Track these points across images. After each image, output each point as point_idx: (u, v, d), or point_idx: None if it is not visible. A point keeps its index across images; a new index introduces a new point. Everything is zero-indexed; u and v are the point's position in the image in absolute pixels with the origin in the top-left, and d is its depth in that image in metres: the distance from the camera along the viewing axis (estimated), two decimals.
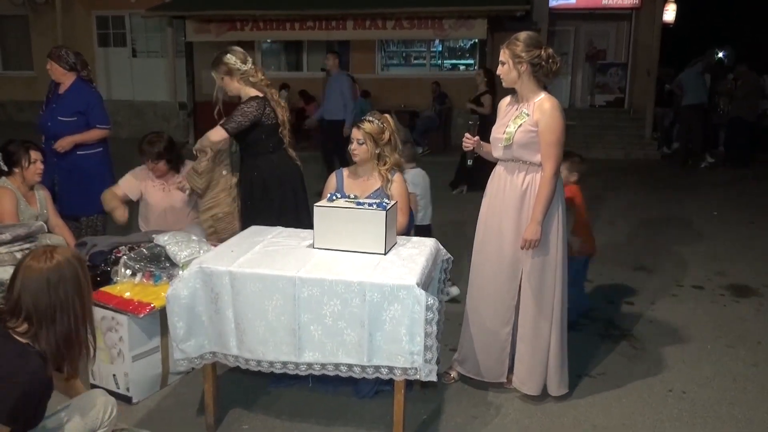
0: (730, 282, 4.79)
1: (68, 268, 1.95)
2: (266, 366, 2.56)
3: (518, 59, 2.83)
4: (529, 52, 2.82)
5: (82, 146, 4.22)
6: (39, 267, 1.92)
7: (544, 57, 2.84)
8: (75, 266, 1.97)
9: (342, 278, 2.44)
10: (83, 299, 1.98)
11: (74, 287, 1.95)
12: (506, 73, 2.89)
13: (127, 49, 13.84)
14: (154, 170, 3.90)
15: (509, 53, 2.85)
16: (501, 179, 2.97)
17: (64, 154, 4.14)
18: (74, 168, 4.21)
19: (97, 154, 4.32)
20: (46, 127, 4.23)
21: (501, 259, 2.97)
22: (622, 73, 12.97)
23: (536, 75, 2.87)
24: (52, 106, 4.23)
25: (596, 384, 3.21)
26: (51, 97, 4.31)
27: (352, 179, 3.31)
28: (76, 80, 4.24)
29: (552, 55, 2.86)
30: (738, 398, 3.10)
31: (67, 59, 4.19)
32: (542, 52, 2.83)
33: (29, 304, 1.89)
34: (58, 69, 4.18)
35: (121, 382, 2.95)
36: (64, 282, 1.93)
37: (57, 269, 1.93)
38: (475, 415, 2.91)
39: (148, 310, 2.87)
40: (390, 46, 13.75)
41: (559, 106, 2.86)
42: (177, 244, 3.20)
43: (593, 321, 4.00)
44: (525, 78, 2.86)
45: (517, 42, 2.84)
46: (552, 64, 2.86)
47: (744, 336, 3.83)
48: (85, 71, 4.28)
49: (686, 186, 8.81)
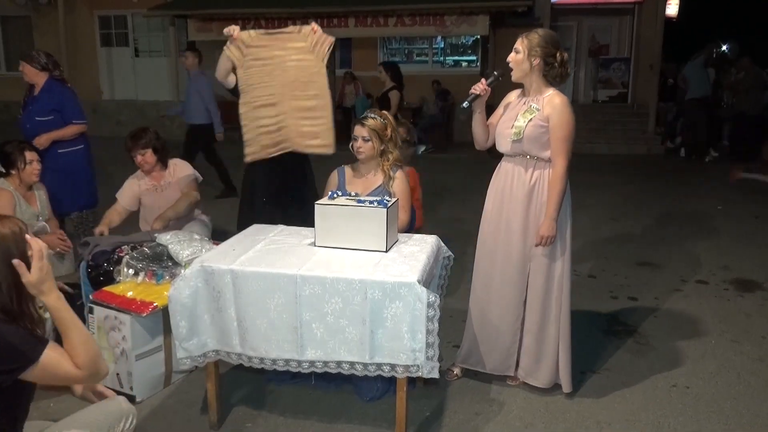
0: (734, 277, 4.77)
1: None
2: (269, 364, 2.56)
3: (534, 52, 2.80)
4: (546, 49, 2.80)
5: (62, 145, 4.37)
6: None
7: (559, 59, 2.82)
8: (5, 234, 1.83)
9: (343, 276, 2.43)
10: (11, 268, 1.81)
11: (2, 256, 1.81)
12: (518, 63, 2.85)
13: (130, 49, 13.88)
14: (142, 164, 3.95)
15: (527, 43, 2.82)
16: (508, 175, 2.96)
17: (47, 155, 4.22)
18: (57, 167, 4.32)
19: (78, 151, 4.48)
20: (25, 128, 4.37)
21: (509, 254, 2.96)
22: (625, 67, 12.93)
23: (546, 74, 2.85)
24: (29, 108, 4.38)
25: (600, 379, 3.20)
26: (27, 99, 4.46)
27: (354, 177, 3.31)
28: (49, 80, 4.36)
29: (566, 61, 2.85)
30: (742, 393, 3.08)
31: (39, 60, 4.33)
32: (558, 53, 2.82)
33: None
34: (30, 70, 4.33)
35: (124, 381, 2.95)
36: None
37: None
38: (478, 412, 2.91)
39: (150, 309, 2.88)
40: (392, 43, 13.74)
41: (569, 102, 2.85)
42: (179, 243, 3.21)
43: (597, 316, 3.99)
44: (535, 72, 2.84)
45: (537, 35, 2.82)
46: (563, 69, 2.85)
47: (749, 331, 3.81)
48: (57, 71, 4.42)
49: (690, 180, 8.78)
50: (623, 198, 7.56)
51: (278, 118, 3.48)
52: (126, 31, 13.83)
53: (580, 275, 4.68)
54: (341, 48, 13.07)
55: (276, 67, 3.42)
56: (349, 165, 3.37)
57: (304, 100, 3.45)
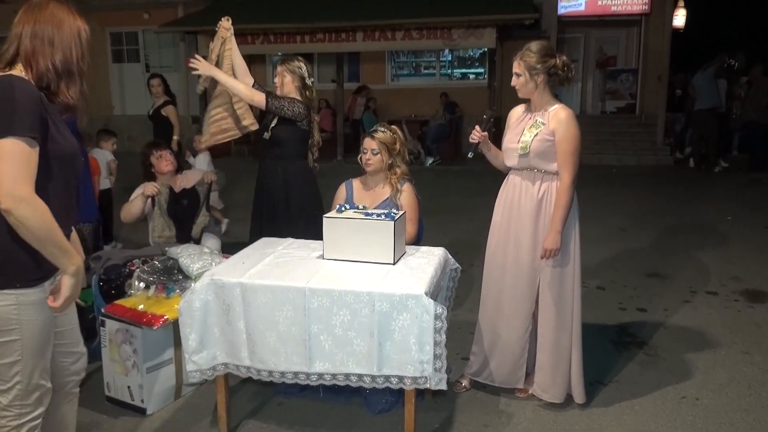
0: (744, 287, 4.75)
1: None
2: (278, 376, 2.58)
3: (535, 70, 2.84)
4: (545, 63, 2.84)
5: None
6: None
7: (560, 65, 2.86)
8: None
9: (351, 288, 2.46)
10: (82, 44, 1.93)
11: (74, 31, 1.92)
12: (523, 85, 2.90)
13: (141, 65, 14.05)
14: (159, 162, 4.04)
15: (524, 65, 2.86)
16: (516, 188, 2.99)
17: None
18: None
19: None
20: None
21: (519, 267, 2.97)
22: (633, 79, 12.94)
23: (551, 84, 2.89)
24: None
25: (609, 391, 3.19)
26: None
27: (362, 190, 3.35)
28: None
29: (567, 63, 2.88)
30: (753, 405, 3.07)
31: None
32: (557, 60, 2.85)
33: (29, 34, 1.86)
34: None
35: (135, 393, 2.98)
36: (69, 24, 1.90)
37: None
38: (487, 424, 2.91)
39: (161, 322, 2.91)
40: (400, 56, 13.83)
41: (574, 116, 2.88)
42: (189, 257, 3.25)
43: (606, 328, 3.98)
44: (541, 88, 2.88)
45: (531, 53, 2.85)
46: (568, 72, 2.88)
47: (759, 342, 3.79)
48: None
49: (700, 191, 8.75)
50: (632, 209, 7.54)
51: (220, 109, 3.79)
52: (137, 47, 14.02)
53: (589, 287, 4.68)
54: (350, 62, 13.17)
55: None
56: (357, 178, 3.40)
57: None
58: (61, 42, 1.89)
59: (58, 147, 1.87)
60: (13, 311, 1.85)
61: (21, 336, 1.88)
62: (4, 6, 12.91)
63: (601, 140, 11.70)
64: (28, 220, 1.73)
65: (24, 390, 1.91)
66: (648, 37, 12.41)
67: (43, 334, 1.92)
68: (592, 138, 11.35)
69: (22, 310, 1.86)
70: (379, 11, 11.05)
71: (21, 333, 1.87)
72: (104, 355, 3.05)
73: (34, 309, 1.88)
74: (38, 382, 1.94)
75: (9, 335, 1.86)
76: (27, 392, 1.92)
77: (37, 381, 1.94)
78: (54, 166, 1.87)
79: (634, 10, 12.28)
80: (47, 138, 1.82)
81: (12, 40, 1.88)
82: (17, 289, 1.84)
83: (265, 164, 3.71)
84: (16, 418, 1.92)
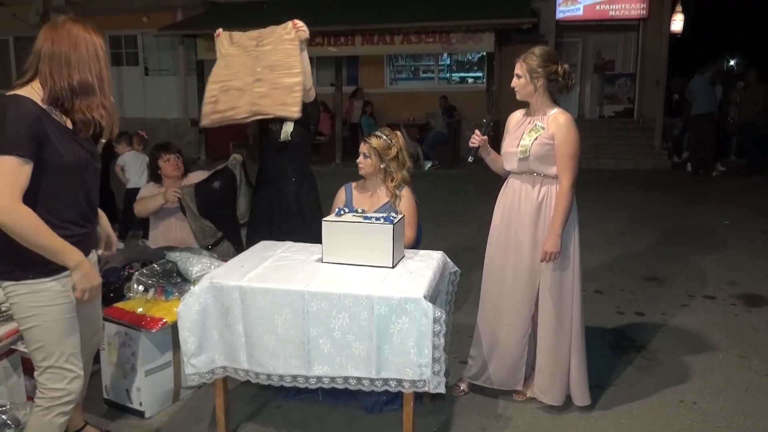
0: (742, 291, 4.76)
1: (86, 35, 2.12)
2: (276, 380, 2.58)
3: (536, 74, 2.86)
4: (547, 68, 2.86)
5: None
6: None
7: (561, 73, 2.88)
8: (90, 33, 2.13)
9: (350, 292, 2.46)
10: (100, 62, 2.12)
11: (92, 50, 2.10)
12: (522, 87, 2.92)
13: (140, 68, 14.07)
14: (166, 165, 4.02)
15: (526, 67, 2.88)
16: (515, 191, 3.00)
17: None
18: None
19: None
20: None
21: (518, 270, 2.98)
22: (631, 83, 13.00)
23: (550, 89, 2.91)
24: None
25: (607, 395, 3.20)
26: None
27: (361, 193, 3.35)
28: None
29: (568, 71, 2.90)
30: (750, 409, 3.07)
31: None
32: (559, 67, 2.87)
33: (47, 54, 2.03)
34: None
35: (134, 396, 2.98)
36: (86, 43, 2.10)
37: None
38: (485, 427, 2.91)
39: (160, 325, 2.91)
40: (398, 60, 13.86)
41: (573, 120, 2.90)
42: (188, 260, 3.25)
43: (604, 332, 3.99)
44: (540, 92, 2.90)
45: (534, 56, 2.87)
46: (568, 80, 2.90)
47: (757, 346, 3.80)
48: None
49: (697, 195, 8.77)
50: (630, 213, 7.56)
51: (219, 86, 3.61)
52: (136, 51, 14.03)
53: (587, 290, 4.68)
54: (348, 66, 13.19)
55: (249, 57, 3.66)
56: (356, 182, 3.41)
57: (288, 78, 3.64)
58: (78, 61, 2.05)
59: (60, 158, 2.04)
60: (29, 300, 2.06)
61: (40, 323, 2.07)
62: (3, 8, 12.91)
63: (600, 144, 11.74)
64: (13, 227, 1.94)
65: (53, 374, 2.12)
66: (646, 41, 12.47)
67: (60, 321, 2.11)
68: (590, 142, 11.38)
69: (37, 299, 2.05)
70: (378, 15, 11.08)
71: (39, 320, 2.07)
72: (103, 358, 3.05)
73: (49, 297, 2.07)
74: (65, 366, 2.13)
75: (30, 322, 2.08)
76: (56, 376, 2.12)
77: (63, 365, 2.13)
78: (59, 174, 2.06)
79: (632, 15, 12.33)
80: (48, 150, 2.00)
81: (32, 60, 2.07)
82: (31, 280, 2.04)
83: (273, 168, 3.62)
84: (49, 401, 2.13)
